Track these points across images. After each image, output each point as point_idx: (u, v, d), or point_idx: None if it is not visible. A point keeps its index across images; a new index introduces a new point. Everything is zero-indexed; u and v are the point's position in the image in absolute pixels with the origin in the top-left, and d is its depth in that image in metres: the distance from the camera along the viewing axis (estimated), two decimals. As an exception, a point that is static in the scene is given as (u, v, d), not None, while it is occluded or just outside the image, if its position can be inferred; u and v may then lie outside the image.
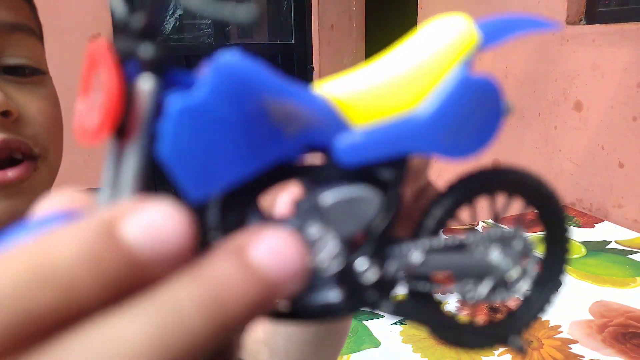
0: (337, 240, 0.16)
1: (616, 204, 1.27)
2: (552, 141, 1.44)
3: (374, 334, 0.81)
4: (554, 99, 1.42)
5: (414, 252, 0.16)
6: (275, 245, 0.12)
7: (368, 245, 0.16)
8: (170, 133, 0.13)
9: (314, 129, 0.15)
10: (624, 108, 1.23)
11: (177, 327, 0.11)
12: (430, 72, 0.16)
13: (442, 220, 0.17)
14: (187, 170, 0.13)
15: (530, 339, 0.78)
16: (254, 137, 0.14)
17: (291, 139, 0.14)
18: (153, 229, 0.11)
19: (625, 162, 1.24)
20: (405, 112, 0.16)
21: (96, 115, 0.13)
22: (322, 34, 2.25)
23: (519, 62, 1.53)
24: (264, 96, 0.14)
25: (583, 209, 1.35)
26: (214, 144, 0.13)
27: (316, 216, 0.15)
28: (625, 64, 1.22)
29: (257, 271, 0.12)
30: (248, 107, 0.13)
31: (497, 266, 0.18)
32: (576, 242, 1.12)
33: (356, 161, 0.15)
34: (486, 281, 0.18)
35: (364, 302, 0.16)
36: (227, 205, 0.14)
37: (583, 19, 1.36)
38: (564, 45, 1.37)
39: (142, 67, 0.13)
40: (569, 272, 1.00)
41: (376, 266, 0.16)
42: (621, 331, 0.79)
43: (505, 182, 0.18)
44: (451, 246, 0.17)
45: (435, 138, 0.16)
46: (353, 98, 0.16)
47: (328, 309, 0.16)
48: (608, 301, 0.87)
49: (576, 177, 1.38)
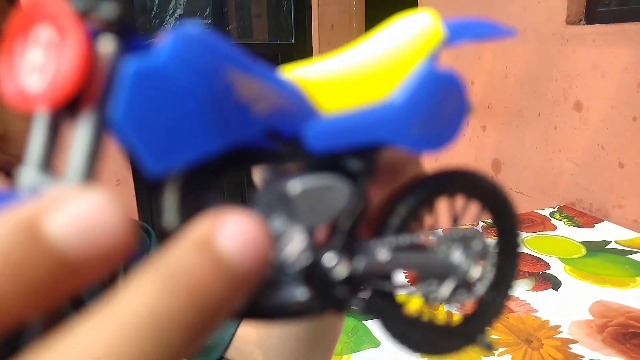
0: (304, 234, 0.15)
1: (616, 204, 1.27)
2: (552, 141, 1.44)
3: (374, 334, 0.81)
4: (554, 99, 1.42)
5: (381, 249, 0.16)
6: (242, 231, 0.11)
7: (336, 239, 0.15)
8: (125, 95, 0.11)
9: (281, 111, 0.14)
10: (624, 108, 1.23)
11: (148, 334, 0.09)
12: (398, 65, 0.16)
13: (406, 220, 0.17)
14: (144, 137, 0.12)
15: (494, 342, 0.78)
16: (218, 111, 0.13)
17: (257, 119, 0.14)
18: (81, 223, 0.10)
19: (625, 162, 1.24)
20: (374, 102, 0.16)
21: (46, 78, 0.11)
22: (322, 34, 2.25)
23: (519, 62, 1.52)
24: (227, 67, 0.13)
25: (583, 209, 1.35)
26: (175, 113, 0.12)
27: (281, 207, 0.15)
28: (625, 64, 1.22)
29: (226, 262, 0.11)
30: (211, 76, 0.12)
31: (459, 266, 0.18)
32: (576, 242, 1.12)
33: (326, 147, 0.15)
34: (448, 281, 0.18)
35: (333, 299, 0.16)
36: (185, 185, 0.13)
37: (583, 19, 1.36)
38: (564, 45, 1.37)
39: (102, 28, 0.11)
40: (569, 272, 0.99)
41: (345, 261, 0.16)
42: (621, 331, 0.79)
43: (463, 184, 0.18)
44: (415, 246, 0.17)
45: (404, 129, 0.16)
46: (321, 84, 0.15)
47: (295, 308, 0.15)
48: (608, 301, 0.87)
49: (576, 177, 1.38)
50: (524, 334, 0.80)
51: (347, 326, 0.83)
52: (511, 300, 0.89)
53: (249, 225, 0.11)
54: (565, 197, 1.41)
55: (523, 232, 0.20)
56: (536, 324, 0.82)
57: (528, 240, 1.13)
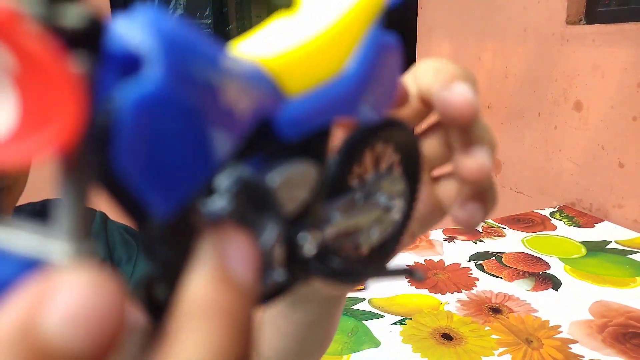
0: (278, 220, 0.15)
1: (616, 204, 1.27)
2: (552, 141, 1.44)
3: (374, 334, 0.81)
4: (554, 99, 1.42)
5: (334, 212, 0.17)
6: (244, 252, 0.12)
7: (305, 218, 0.16)
8: (129, 134, 0.09)
9: (258, 103, 0.13)
10: (624, 108, 1.23)
11: None
12: (347, 34, 0.16)
13: (345, 179, 0.18)
14: (153, 179, 0.10)
15: (424, 272, 0.78)
16: (212, 125, 0.11)
17: (243, 119, 0.12)
18: (76, 312, 0.09)
19: (625, 162, 1.24)
20: (331, 76, 0.16)
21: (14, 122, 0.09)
22: (322, 34, 2.25)
23: (519, 62, 1.52)
24: (213, 68, 0.11)
25: (583, 209, 1.35)
26: (178, 139, 0.10)
27: (256, 198, 0.14)
28: (625, 64, 1.22)
29: (242, 285, 0.12)
30: (201, 85, 0.11)
31: (386, 209, 0.20)
32: (576, 242, 1.12)
33: (299, 133, 0.15)
34: (377, 224, 0.20)
35: (307, 272, 0.17)
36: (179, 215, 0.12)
37: (583, 19, 1.36)
38: (564, 45, 1.37)
39: (70, 42, 0.09)
40: (569, 272, 0.99)
41: (315, 236, 0.16)
42: (621, 331, 0.79)
43: (382, 132, 0.19)
44: (353, 201, 0.18)
45: (358, 102, 0.16)
46: (280, 63, 0.14)
47: (276, 288, 0.16)
48: (608, 301, 0.87)
49: (576, 177, 1.38)
50: (524, 334, 0.80)
51: (347, 326, 0.83)
52: (511, 300, 0.89)
53: (247, 244, 0.12)
54: (565, 197, 1.41)
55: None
56: (536, 324, 0.82)
57: (528, 240, 1.13)
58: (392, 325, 0.84)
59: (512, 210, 1.30)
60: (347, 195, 0.18)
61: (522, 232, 1.18)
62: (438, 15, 1.82)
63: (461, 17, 1.72)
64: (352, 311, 0.87)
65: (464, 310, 0.87)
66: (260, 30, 0.16)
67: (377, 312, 0.87)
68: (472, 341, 0.79)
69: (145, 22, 0.10)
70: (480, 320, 0.84)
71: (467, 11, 1.69)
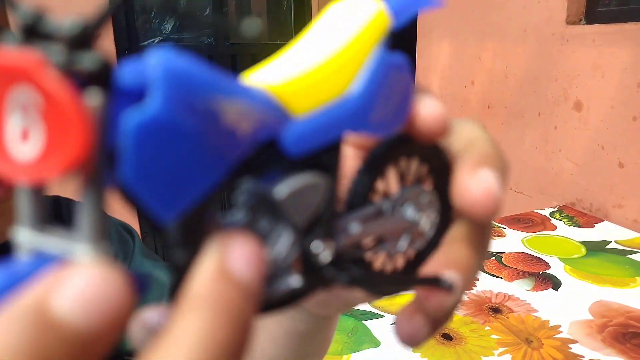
0: (290, 229, 0.16)
1: (616, 204, 1.27)
2: (552, 141, 1.44)
3: (374, 334, 0.81)
4: (554, 99, 1.42)
5: (353, 224, 0.18)
6: (246, 252, 0.13)
7: (319, 228, 0.17)
8: (131, 153, 0.11)
9: (261, 124, 0.15)
10: (624, 108, 1.23)
11: None
12: (353, 57, 0.17)
13: (365, 193, 0.19)
14: (155, 191, 0.12)
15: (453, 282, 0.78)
16: (213, 143, 0.13)
17: (244, 138, 0.14)
18: (85, 295, 0.11)
19: (625, 162, 1.24)
20: (337, 97, 0.17)
21: (38, 147, 0.11)
22: (322, 33, 2.25)
23: (519, 62, 1.53)
24: (214, 96, 0.13)
25: (583, 209, 1.35)
26: (177, 158, 0.12)
27: (266, 210, 0.16)
28: (625, 64, 1.22)
29: (242, 283, 0.13)
30: (202, 110, 0.12)
31: (414, 221, 0.20)
32: (576, 242, 1.12)
33: (302, 151, 0.16)
34: (405, 235, 0.20)
35: (323, 279, 0.18)
36: (187, 220, 0.13)
37: (583, 19, 1.36)
38: (564, 45, 1.37)
39: (86, 81, 0.11)
40: (569, 272, 0.99)
41: (329, 245, 0.17)
42: (621, 331, 0.79)
43: (402, 147, 0.20)
44: (377, 212, 0.19)
45: (366, 118, 0.17)
46: (287, 88, 0.16)
47: (292, 295, 0.17)
48: (608, 301, 0.87)
49: (576, 177, 1.38)
50: (524, 334, 0.80)
51: (347, 326, 0.83)
52: (511, 300, 0.89)
53: (250, 245, 0.13)
54: (565, 197, 1.41)
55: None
56: (536, 324, 0.82)
57: (528, 240, 1.13)
58: (392, 325, 0.84)
59: (512, 210, 1.31)
60: (368, 207, 0.19)
61: (522, 232, 1.18)
62: (438, 15, 1.82)
63: (461, 17, 1.72)
64: (352, 311, 0.87)
65: (464, 310, 0.87)
66: (270, 62, 0.18)
67: (377, 312, 0.87)
68: (472, 341, 0.79)
69: (152, 59, 0.12)
70: (480, 320, 0.84)
71: (467, 11, 1.69)
